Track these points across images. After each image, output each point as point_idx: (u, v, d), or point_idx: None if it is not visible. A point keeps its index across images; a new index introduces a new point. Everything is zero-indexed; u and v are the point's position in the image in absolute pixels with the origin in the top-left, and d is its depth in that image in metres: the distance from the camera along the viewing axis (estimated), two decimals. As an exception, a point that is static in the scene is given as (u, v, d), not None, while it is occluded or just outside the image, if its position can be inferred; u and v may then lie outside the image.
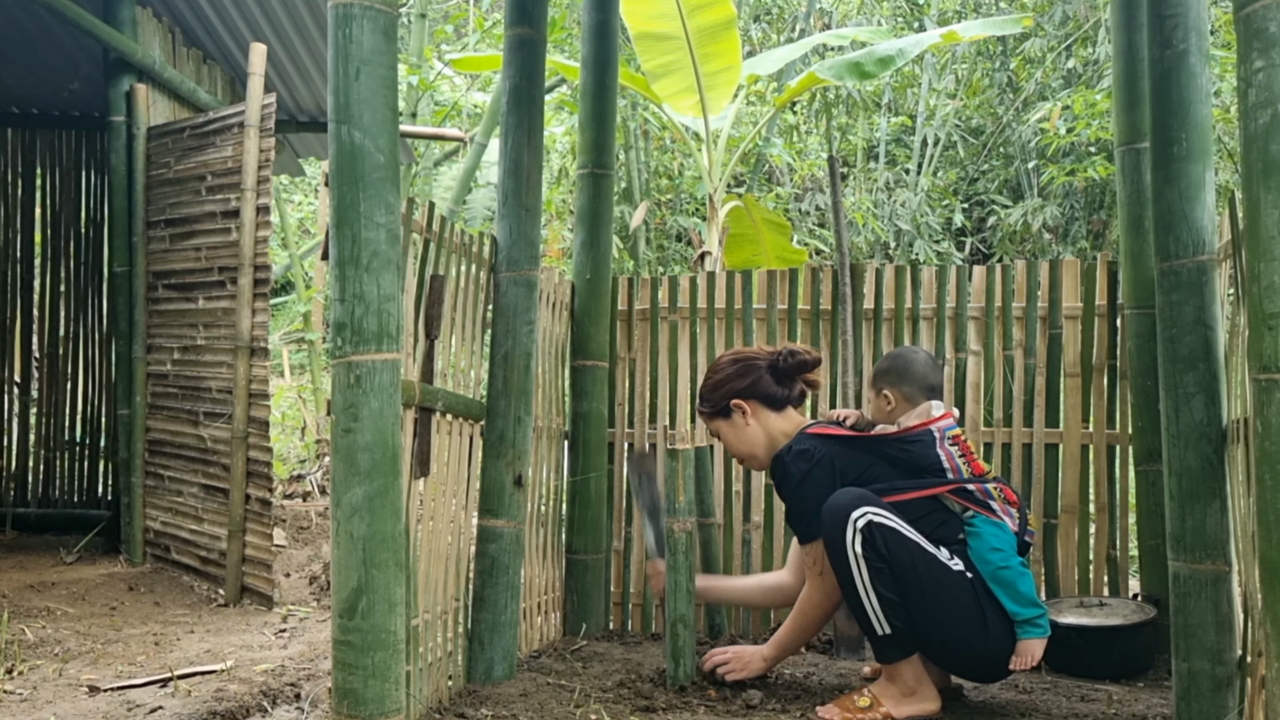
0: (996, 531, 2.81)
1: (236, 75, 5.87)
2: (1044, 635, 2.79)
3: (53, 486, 5.93)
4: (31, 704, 2.99)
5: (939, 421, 2.93)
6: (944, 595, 2.73)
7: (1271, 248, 1.94)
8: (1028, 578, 2.80)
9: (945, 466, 2.88)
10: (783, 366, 3.05)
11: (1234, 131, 8.35)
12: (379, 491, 2.30)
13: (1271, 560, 1.96)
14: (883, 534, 2.71)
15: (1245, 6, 2.00)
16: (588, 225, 3.87)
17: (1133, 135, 3.47)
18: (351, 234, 2.29)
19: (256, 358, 4.41)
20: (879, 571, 2.71)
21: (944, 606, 2.73)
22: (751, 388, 3.05)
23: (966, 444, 2.94)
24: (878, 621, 2.73)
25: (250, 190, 4.41)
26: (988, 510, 2.84)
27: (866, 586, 2.72)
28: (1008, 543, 2.81)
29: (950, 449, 2.90)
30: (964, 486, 2.86)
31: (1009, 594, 2.76)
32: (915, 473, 2.89)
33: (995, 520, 2.83)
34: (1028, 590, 2.77)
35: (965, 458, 2.90)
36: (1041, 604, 2.80)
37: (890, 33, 8.56)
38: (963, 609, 2.75)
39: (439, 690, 2.89)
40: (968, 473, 2.89)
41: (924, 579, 2.72)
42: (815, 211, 11.20)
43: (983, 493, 2.85)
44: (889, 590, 2.71)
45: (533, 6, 3.29)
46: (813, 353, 3.10)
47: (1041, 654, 2.79)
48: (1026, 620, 2.77)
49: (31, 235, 6.10)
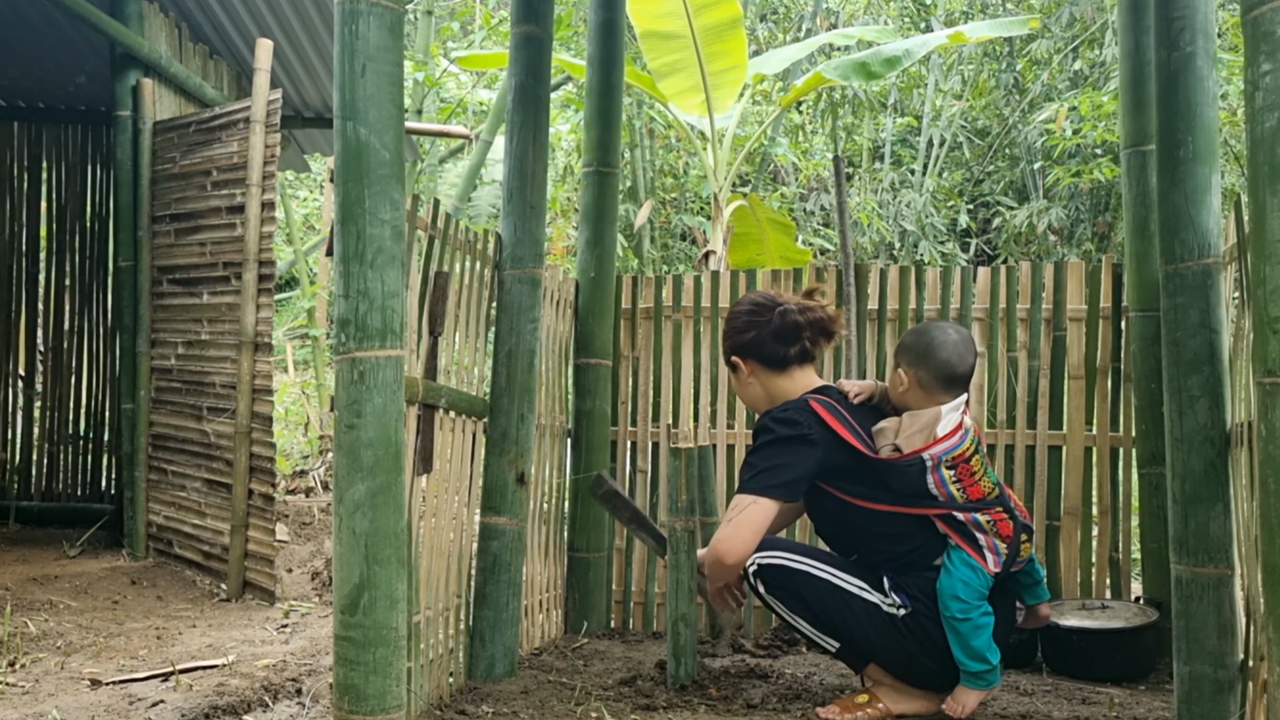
0: (968, 574, 2.67)
1: (242, 71, 5.87)
2: (985, 688, 2.70)
3: (56, 480, 5.94)
4: (33, 697, 3.00)
5: (936, 447, 2.68)
6: (847, 613, 2.72)
7: (1277, 251, 1.94)
8: (985, 631, 2.66)
9: (934, 494, 2.69)
10: (775, 326, 2.84)
11: (1240, 134, 8.33)
12: (382, 488, 2.30)
13: (1274, 564, 1.96)
14: (771, 572, 2.77)
15: (1253, 9, 2.00)
16: (592, 223, 3.87)
17: (1139, 137, 3.47)
18: (356, 230, 2.30)
19: (260, 353, 4.42)
20: (789, 601, 2.78)
21: (851, 627, 2.73)
22: (750, 346, 2.87)
23: (968, 465, 2.71)
24: (824, 641, 2.80)
25: (255, 186, 4.41)
26: (971, 545, 2.68)
27: (792, 617, 2.81)
28: (975, 588, 2.66)
29: (945, 473, 2.68)
30: (952, 514, 2.69)
31: (959, 643, 2.67)
32: (900, 494, 2.71)
33: (971, 561, 2.67)
34: (979, 645, 2.65)
35: (962, 483, 2.69)
36: (991, 661, 2.67)
37: (896, 33, 8.56)
38: (877, 633, 2.71)
39: (440, 687, 2.89)
40: (961, 499, 2.69)
41: (820, 601, 2.74)
42: (820, 211, 11.19)
43: (972, 524, 2.69)
44: (809, 610, 2.76)
45: (539, 4, 3.29)
46: (813, 309, 2.86)
47: (975, 706, 2.70)
48: (970, 672, 2.69)
49: (37, 229, 6.11)
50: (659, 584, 3.94)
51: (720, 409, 3.95)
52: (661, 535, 3.14)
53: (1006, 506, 2.75)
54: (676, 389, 4.01)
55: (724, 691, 3.00)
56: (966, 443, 2.73)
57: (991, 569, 2.68)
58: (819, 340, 2.89)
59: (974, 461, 2.73)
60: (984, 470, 2.76)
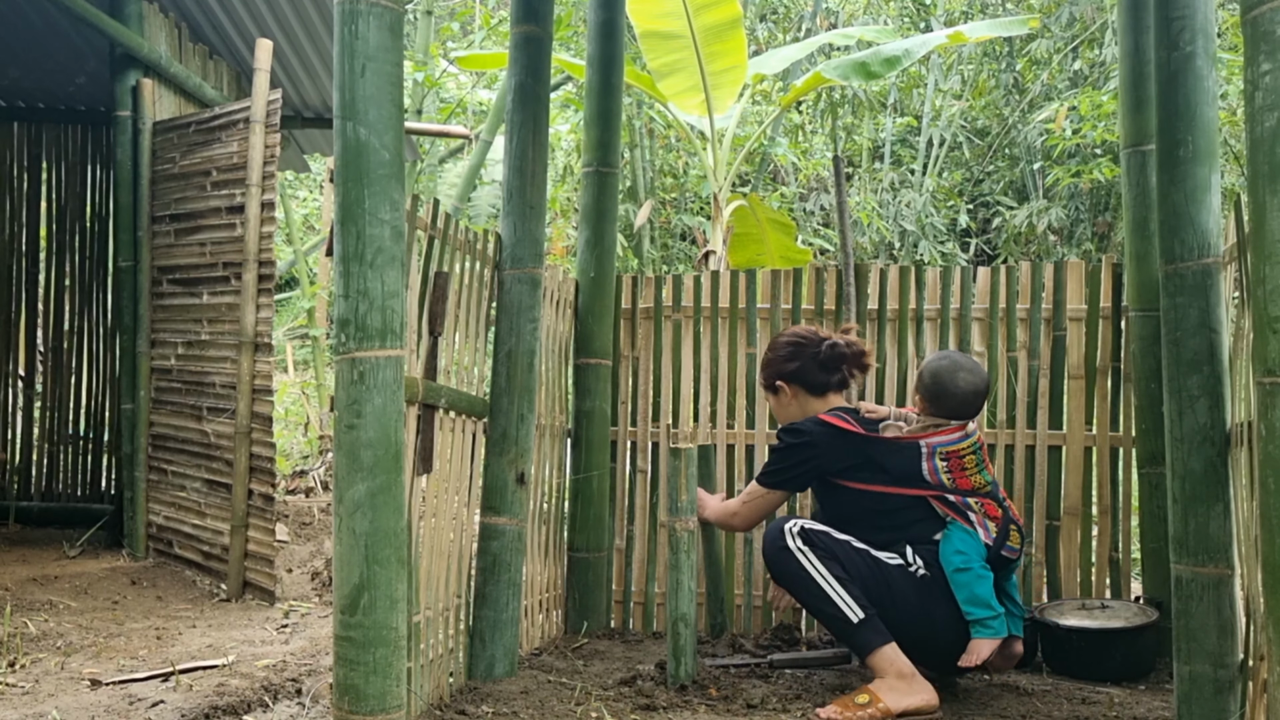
0: (965, 537, 2.98)
1: (242, 71, 5.87)
2: (994, 636, 2.94)
3: (56, 480, 5.94)
4: (33, 697, 3.00)
5: (934, 438, 3.05)
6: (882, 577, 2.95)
7: (1277, 251, 1.94)
8: (985, 582, 2.94)
9: (926, 479, 3.02)
10: (824, 357, 3.25)
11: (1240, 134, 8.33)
12: (382, 488, 2.30)
13: (1274, 564, 1.96)
14: (816, 534, 2.98)
15: (1253, 9, 2.00)
16: (592, 223, 3.87)
17: (1139, 137, 3.47)
18: (356, 230, 2.30)
19: (260, 353, 4.42)
20: (828, 562, 2.93)
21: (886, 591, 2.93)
22: (796, 373, 3.27)
23: (960, 460, 3.03)
24: (849, 609, 2.89)
25: (255, 186, 4.41)
26: (964, 519, 3.00)
27: (823, 574, 2.92)
28: (973, 548, 2.97)
29: (938, 464, 3.02)
30: (944, 495, 3.02)
31: (963, 594, 2.94)
32: (898, 477, 3.04)
33: (967, 528, 2.99)
34: (982, 593, 2.93)
35: (952, 473, 3.02)
36: (996, 608, 2.94)
37: (896, 33, 8.56)
38: (906, 601, 2.94)
39: (440, 687, 2.90)
40: (951, 485, 3.02)
41: (864, 565, 2.95)
42: (820, 211, 11.19)
43: (961, 504, 3.01)
44: (844, 575, 2.92)
45: (539, 4, 3.29)
46: (856, 344, 3.29)
47: (989, 654, 2.92)
48: (976, 620, 2.93)
49: (37, 230, 6.11)
50: (659, 584, 3.94)
51: (720, 409, 3.95)
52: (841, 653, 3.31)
53: (995, 496, 3.06)
54: (676, 389, 4.01)
55: (724, 691, 3.00)
56: (964, 443, 3.06)
57: (984, 539, 2.99)
58: (855, 372, 3.31)
59: (967, 459, 3.05)
60: (978, 469, 3.07)
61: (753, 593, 3.86)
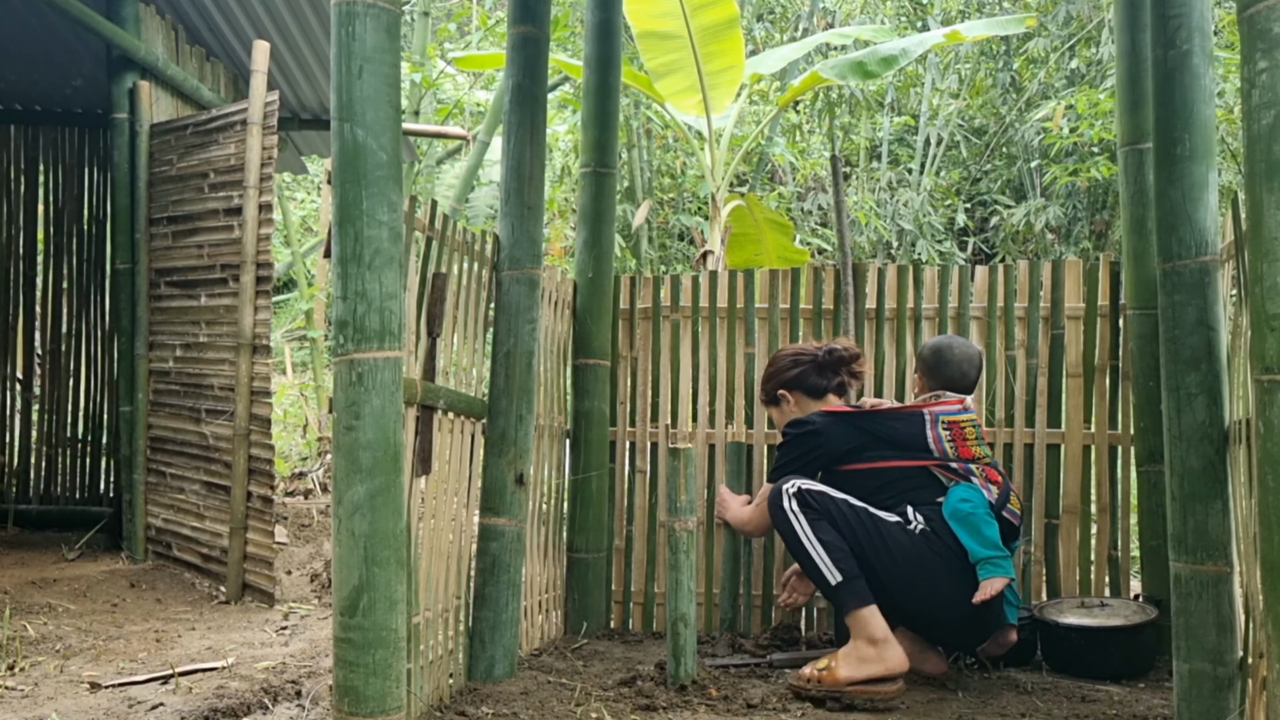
0: (969, 490, 3.09)
1: (239, 72, 5.87)
2: (1005, 575, 3.00)
3: (55, 483, 5.93)
4: (33, 700, 3.00)
5: (936, 406, 3.19)
6: (878, 535, 3.02)
7: (1274, 249, 1.94)
8: (992, 525, 3.04)
9: (931, 447, 3.15)
10: (823, 361, 3.41)
11: (1237, 132, 8.34)
12: (381, 489, 2.30)
13: (1273, 561, 1.96)
14: (812, 494, 3.09)
15: (1249, 7, 2.00)
16: (590, 224, 3.87)
17: (1136, 136, 3.47)
18: (354, 232, 2.30)
19: (259, 355, 4.41)
20: (816, 520, 3.04)
21: (881, 547, 3.01)
22: (796, 379, 3.42)
23: (961, 430, 3.14)
24: (828, 570, 3.01)
25: (253, 188, 4.40)
26: (966, 480, 3.12)
27: (808, 535, 3.03)
28: (978, 498, 3.07)
29: (941, 432, 3.14)
30: (947, 464, 3.13)
31: (972, 535, 3.01)
32: (903, 446, 3.16)
33: (971, 485, 3.11)
34: (990, 534, 3.02)
35: (955, 442, 3.14)
36: (1003, 549, 3.02)
37: (893, 32, 8.56)
38: (904, 556, 3.01)
39: (440, 688, 2.89)
40: (955, 454, 3.14)
41: (859, 524, 3.03)
42: (818, 211, 11.19)
43: (964, 470, 3.12)
44: (830, 536, 3.02)
45: (536, 5, 3.29)
46: (851, 349, 3.45)
47: (999, 589, 2.97)
48: (985, 559, 2.99)
49: (34, 232, 6.10)
50: (659, 584, 3.94)
51: (719, 409, 3.95)
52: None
53: (995, 467, 3.20)
54: (675, 389, 4.01)
55: (724, 691, 3.00)
56: (964, 416, 3.20)
57: (988, 497, 3.09)
58: (850, 378, 3.44)
59: (968, 430, 3.18)
60: (977, 442, 3.20)
61: (752, 592, 3.86)
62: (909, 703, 3.00)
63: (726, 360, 3.97)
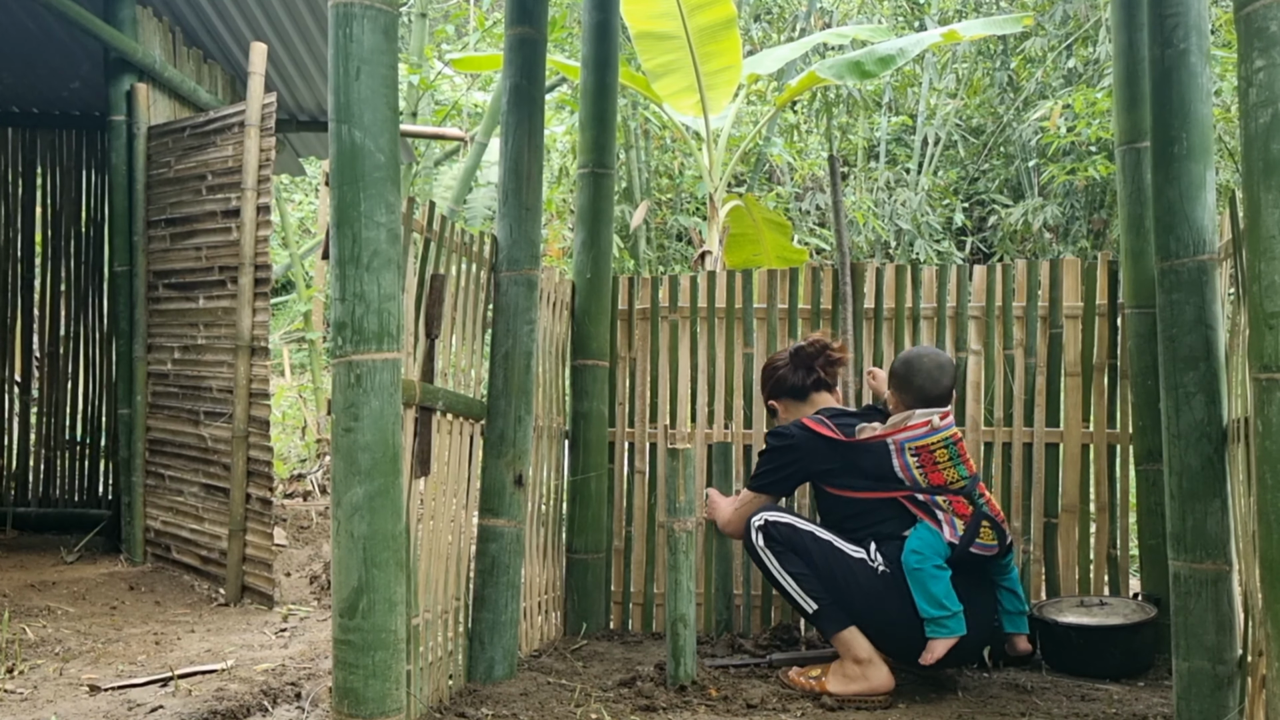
0: (926, 536, 3.05)
1: (237, 74, 5.86)
2: (948, 636, 2.99)
3: (53, 486, 5.93)
4: (32, 703, 2.99)
5: (901, 433, 3.11)
6: (845, 570, 3.05)
7: (1272, 247, 1.94)
8: (940, 580, 3.00)
9: (900, 476, 3.10)
10: (794, 361, 3.42)
11: (1234, 131, 8.34)
12: (379, 491, 2.30)
13: (1272, 559, 1.96)
14: (777, 528, 3.13)
15: (1246, 6, 2.00)
16: (588, 224, 3.87)
17: (1133, 134, 3.47)
18: (352, 233, 2.30)
19: (257, 357, 4.41)
20: (783, 555, 3.09)
21: (848, 583, 3.04)
22: (777, 385, 3.44)
23: (931, 454, 3.09)
24: (803, 600, 3.07)
25: (251, 189, 4.40)
26: (930, 518, 3.07)
27: (780, 571, 3.09)
28: (931, 547, 3.03)
29: (909, 459, 3.09)
30: (913, 495, 3.09)
31: (919, 592, 3.00)
32: (874, 477, 3.12)
33: (930, 528, 3.06)
34: (936, 592, 2.99)
35: (924, 468, 3.09)
36: (949, 607, 2.99)
37: (891, 32, 8.56)
38: (867, 591, 3.03)
39: (439, 689, 2.89)
40: (925, 483, 3.09)
41: (822, 556, 3.07)
42: (816, 211, 11.19)
43: (930, 503, 3.07)
44: (799, 568, 3.07)
45: (533, 6, 3.29)
46: (818, 341, 3.42)
47: (944, 653, 2.99)
48: (931, 619, 2.99)
49: (32, 235, 6.10)
50: (658, 585, 3.94)
51: (718, 409, 3.95)
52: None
53: (969, 494, 3.11)
54: (674, 390, 4.01)
55: (724, 691, 3.00)
56: (933, 438, 3.11)
57: (948, 537, 3.04)
58: (830, 368, 3.41)
59: (938, 453, 3.11)
60: (952, 464, 3.12)
61: (752, 592, 3.86)
62: (909, 702, 3.00)
63: (725, 361, 3.97)
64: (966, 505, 3.08)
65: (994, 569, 3.17)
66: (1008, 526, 3.20)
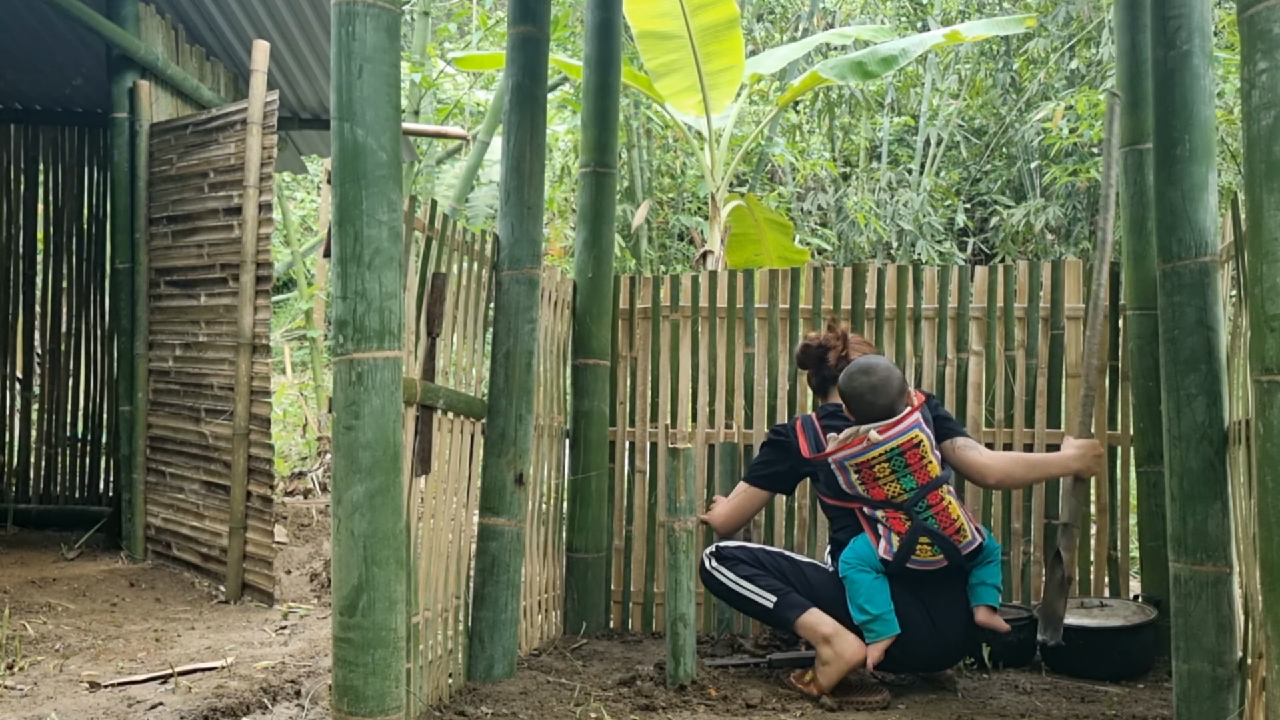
0: (861, 547, 3.12)
1: (239, 72, 5.86)
2: (877, 639, 3.03)
3: (54, 482, 5.93)
4: (32, 699, 3.00)
5: (840, 452, 3.10)
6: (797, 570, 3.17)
7: (1274, 249, 1.94)
8: (862, 585, 3.06)
9: (847, 493, 3.15)
10: (801, 363, 3.48)
11: (1237, 133, 8.34)
12: (380, 489, 2.30)
13: (1272, 562, 1.96)
14: (726, 549, 3.25)
15: (1249, 8, 2.00)
16: (590, 224, 3.87)
17: (1136, 136, 3.47)
18: (354, 231, 2.30)
19: (258, 355, 4.41)
20: (734, 565, 3.19)
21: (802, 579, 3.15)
22: (811, 383, 3.51)
23: (871, 470, 3.08)
24: (760, 597, 3.14)
25: (252, 187, 4.40)
26: (872, 532, 3.12)
27: (732, 578, 3.18)
28: (862, 557, 3.10)
29: (852, 476, 3.10)
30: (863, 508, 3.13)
31: (849, 598, 3.08)
32: (833, 492, 3.19)
33: (867, 540, 3.12)
34: (860, 598, 3.05)
35: (866, 484, 3.09)
36: (873, 611, 3.03)
37: (893, 32, 8.56)
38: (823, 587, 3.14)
39: (439, 688, 2.89)
40: (867, 497, 3.11)
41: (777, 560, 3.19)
42: (817, 211, 11.19)
43: (872, 517, 3.11)
44: (750, 571, 3.16)
45: (536, 5, 3.29)
46: (812, 340, 3.43)
47: (880, 655, 3.02)
48: (860, 624, 3.05)
49: (34, 231, 6.10)
50: (658, 584, 3.94)
51: (719, 409, 3.95)
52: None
53: (908, 509, 3.07)
54: (675, 389, 4.01)
55: (724, 691, 3.00)
56: (873, 453, 3.06)
57: (883, 553, 3.08)
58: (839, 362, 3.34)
59: (879, 468, 3.07)
60: (894, 477, 3.07)
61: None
62: (909, 703, 3.00)
63: (726, 360, 3.97)
64: (904, 522, 3.05)
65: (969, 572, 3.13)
66: (970, 532, 3.07)
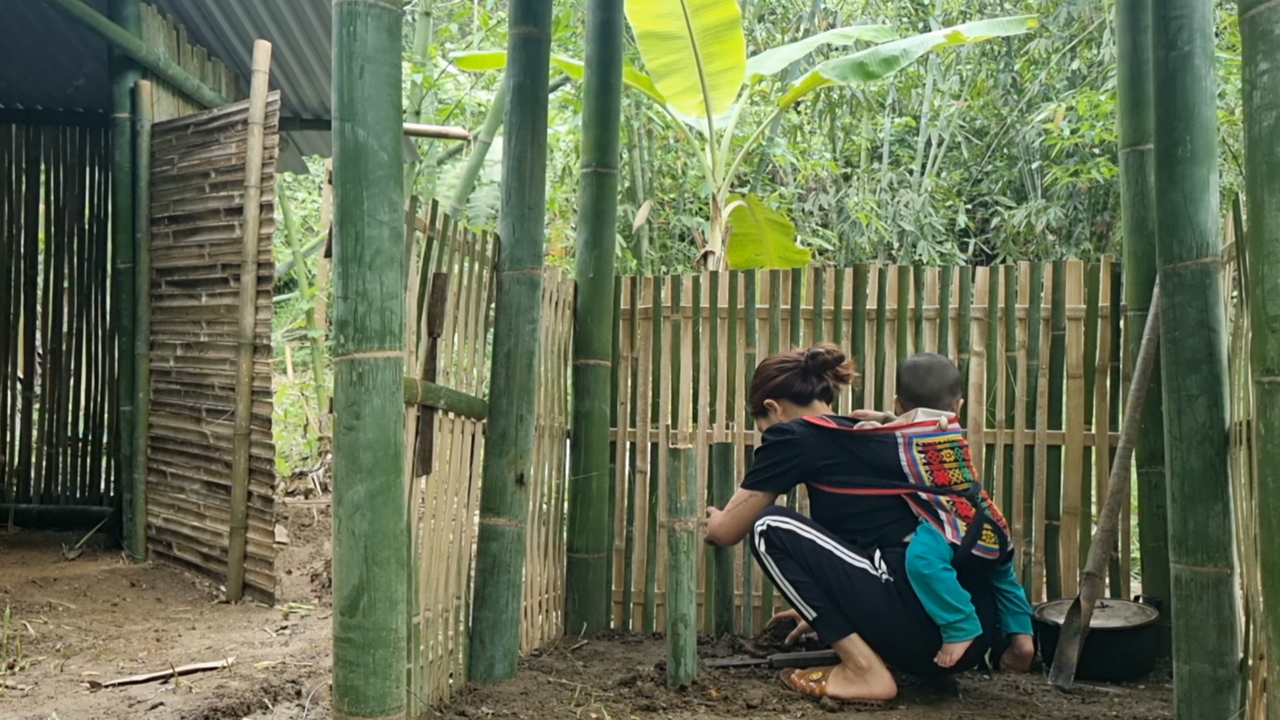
0: (928, 539, 3.01)
1: (241, 72, 5.87)
2: (965, 639, 2.96)
3: (55, 482, 5.93)
4: (33, 699, 3.00)
5: (910, 428, 3.08)
6: (846, 582, 3.00)
7: (1275, 250, 1.94)
8: (946, 583, 2.96)
9: (905, 471, 3.06)
10: (807, 366, 3.35)
11: (1238, 134, 8.33)
12: (381, 489, 2.30)
13: (1273, 563, 1.96)
14: (779, 535, 3.07)
15: (1251, 8, 2.00)
16: (591, 224, 3.87)
17: (1137, 137, 3.47)
18: (355, 231, 2.30)
19: (259, 355, 4.42)
20: (783, 562, 3.06)
21: (849, 594, 3.00)
22: (781, 386, 3.35)
23: (938, 453, 3.05)
24: (803, 607, 3.04)
25: (254, 187, 4.41)
26: (933, 518, 3.04)
27: (780, 577, 3.06)
28: (935, 550, 2.99)
29: (915, 455, 3.05)
30: (916, 493, 3.05)
31: (929, 598, 2.96)
32: (878, 471, 3.08)
33: (932, 529, 3.03)
34: (946, 595, 2.95)
35: (930, 466, 3.05)
36: (962, 609, 2.96)
37: (894, 33, 8.56)
38: (870, 603, 2.99)
39: (440, 688, 2.89)
40: (929, 480, 3.05)
41: (826, 567, 3.02)
42: (819, 211, 11.19)
43: (933, 502, 3.04)
44: (798, 576, 3.03)
45: (537, 5, 3.29)
46: (835, 351, 3.37)
47: (961, 655, 2.96)
48: (947, 624, 2.96)
49: (35, 231, 6.11)
50: (658, 585, 3.94)
51: (720, 409, 3.95)
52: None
53: (972, 497, 3.07)
54: (676, 389, 4.01)
55: (724, 691, 3.00)
56: (940, 437, 3.08)
57: (950, 538, 3.01)
58: (838, 381, 3.38)
59: (945, 453, 3.07)
60: (957, 465, 3.09)
61: (752, 593, 3.86)
62: (909, 703, 3.00)
63: (727, 361, 3.97)
64: (970, 507, 3.04)
65: (992, 574, 3.15)
66: (1009, 532, 3.17)
